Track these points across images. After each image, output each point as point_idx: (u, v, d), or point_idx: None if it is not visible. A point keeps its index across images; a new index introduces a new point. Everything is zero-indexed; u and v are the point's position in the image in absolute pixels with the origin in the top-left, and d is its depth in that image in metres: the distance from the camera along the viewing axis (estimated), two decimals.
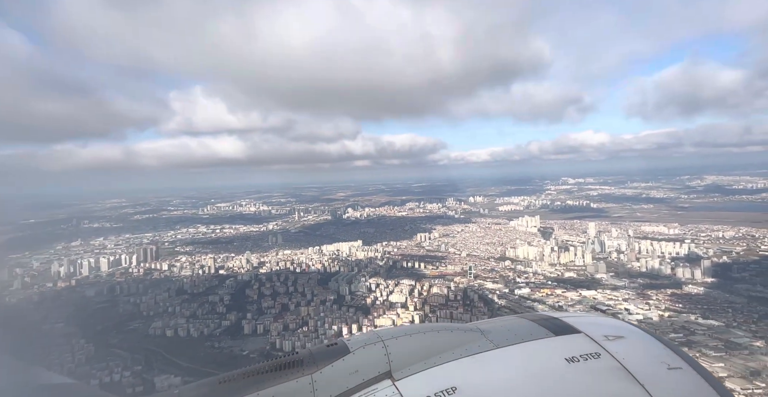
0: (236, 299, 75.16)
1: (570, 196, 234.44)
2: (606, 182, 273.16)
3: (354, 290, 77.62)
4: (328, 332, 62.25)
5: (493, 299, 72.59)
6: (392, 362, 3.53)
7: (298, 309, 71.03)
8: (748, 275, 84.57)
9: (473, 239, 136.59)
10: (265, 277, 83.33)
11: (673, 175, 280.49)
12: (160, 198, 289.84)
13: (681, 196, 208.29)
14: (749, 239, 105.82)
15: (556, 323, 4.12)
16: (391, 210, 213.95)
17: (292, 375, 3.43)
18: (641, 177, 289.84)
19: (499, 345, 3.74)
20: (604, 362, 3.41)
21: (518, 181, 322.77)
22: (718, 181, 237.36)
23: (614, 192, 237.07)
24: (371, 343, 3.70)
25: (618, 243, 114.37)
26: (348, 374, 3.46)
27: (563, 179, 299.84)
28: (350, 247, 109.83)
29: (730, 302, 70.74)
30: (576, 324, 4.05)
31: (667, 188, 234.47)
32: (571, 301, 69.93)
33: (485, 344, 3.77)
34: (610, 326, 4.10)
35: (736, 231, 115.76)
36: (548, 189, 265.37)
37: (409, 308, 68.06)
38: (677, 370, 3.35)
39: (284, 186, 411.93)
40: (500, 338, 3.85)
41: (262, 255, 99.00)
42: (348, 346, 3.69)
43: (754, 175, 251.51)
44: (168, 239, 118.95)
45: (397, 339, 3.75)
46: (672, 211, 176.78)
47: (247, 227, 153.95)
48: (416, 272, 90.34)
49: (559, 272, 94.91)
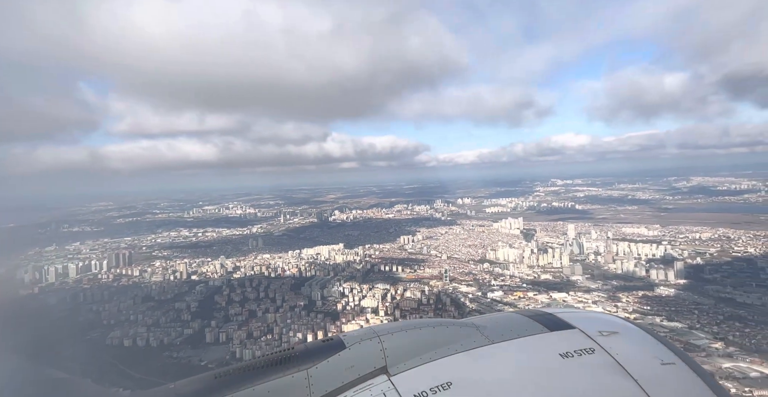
0: (204, 305, 73.91)
1: (557, 197, 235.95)
2: (594, 184, 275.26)
3: (326, 295, 76.94)
4: (292, 339, 61.13)
5: (465, 302, 72.66)
6: (388, 357, 3.56)
7: (265, 316, 69.80)
8: (720, 276, 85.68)
9: (456, 242, 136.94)
10: (238, 282, 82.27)
11: (661, 177, 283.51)
12: (148, 201, 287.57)
13: (666, 198, 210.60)
14: (724, 241, 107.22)
15: (551, 318, 4.15)
16: (378, 212, 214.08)
17: (288, 370, 3.44)
18: (629, 178, 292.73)
19: (495, 341, 3.77)
20: (598, 358, 3.44)
21: (508, 183, 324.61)
22: (704, 183, 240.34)
23: (601, 193, 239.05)
24: (367, 338, 3.71)
25: (596, 245, 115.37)
26: (344, 369, 3.48)
27: (552, 181, 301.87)
28: (331, 250, 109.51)
29: (698, 303, 71.56)
30: (570, 319, 4.07)
31: (653, 190, 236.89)
32: (540, 304, 70.28)
33: (480, 339, 3.80)
34: (604, 322, 4.12)
35: (714, 232, 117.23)
36: (537, 191, 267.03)
37: (379, 314, 67.56)
38: (670, 365, 3.37)
39: (275, 188, 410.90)
40: (495, 333, 3.89)
41: (238, 259, 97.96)
42: (344, 341, 3.70)
43: (739, 176, 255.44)
44: (147, 243, 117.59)
45: (393, 335, 3.76)
46: (655, 212, 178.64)
47: (230, 230, 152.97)
48: (393, 276, 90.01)
49: (536, 275, 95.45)
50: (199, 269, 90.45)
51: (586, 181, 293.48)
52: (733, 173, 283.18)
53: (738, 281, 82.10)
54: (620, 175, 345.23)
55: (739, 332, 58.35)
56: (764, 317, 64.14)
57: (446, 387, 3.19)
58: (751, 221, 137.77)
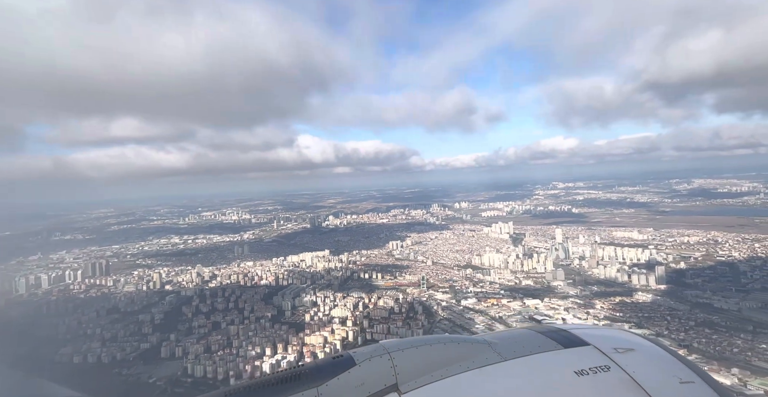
0: (169, 317, 72.65)
1: (556, 201, 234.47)
2: (595, 187, 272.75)
3: (297, 304, 76.26)
4: (249, 353, 59.53)
5: (437, 310, 72.22)
6: (399, 374, 3.49)
7: (228, 328, 67.96)
8: (701, 280, 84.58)
9: (444, 247, 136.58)
10: (210, 292, 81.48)
11: (663, 179, 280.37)
12: (149, 208, 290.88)
13: (664, 201, 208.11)
14: (711, 244, 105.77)
15: (565, 335, 4.11)
16: (374, 217, 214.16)
17: (298, 388, 3.37)
18: (630, 181, 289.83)
19: (507, 358, 3.73)
20: (614, 375, 3.37)
21: (509, 186, 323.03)
22: (705, 185, 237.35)
23: (600, 196, 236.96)
24: (377, 355, 3.65)
25: (582, 249, 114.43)
26: (354, 387, 3.41)
27: (554, 184, 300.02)
28: (315, 257, 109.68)
29: (673, 309, 70.69)
30: (584, 336, 4.04)
31: (653, 192, 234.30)
32: (512, 311, 69.82)
33: (493, 356, 3.75)
34: (619, 339, 4.06)
35: (704, 236, 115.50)
36: (536, 194, 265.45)
37: (347, 324, 66.86)
38: (690, 384, 3.29)
39: (278, 193, 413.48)
40: (508, 350, 3.83)
41: (218, 268, 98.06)
42: (354, 358, 3.64)
43: (741, 178, 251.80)
44: (133, 251, 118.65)
45: (404, 351, 3.71)
46: (651, 215, 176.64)
47: (221, 237, 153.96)
48: (371, 284, 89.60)
49: (517, 280, 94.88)
50: (175, 279, 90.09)
51: (588, 184, 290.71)
52: (736, 175, 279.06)
53: (718, 285, 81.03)
54: (622, 177, 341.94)
55: (706, 338, 57.58)
56: (736, 323, 63.30)
57: None
58: (745, 224, 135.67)
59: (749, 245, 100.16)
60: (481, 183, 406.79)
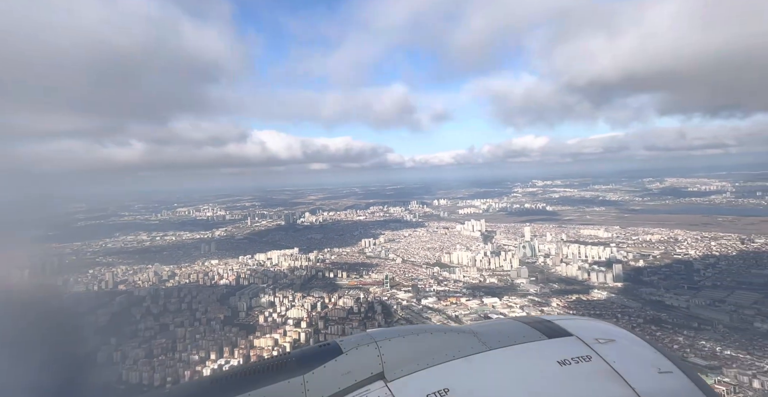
0: (115, 319, 69.68)
1: (533, 198, 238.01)
2: (572, 185, 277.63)
3: (254, 305, 74.73)
4: (192, 358, 57.58)
5: (396, 310, 72.24)
6: (385, 363, 3.53)
7: (175, 331, 65.39)
8: (657, 278, 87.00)
9: (417, 244, 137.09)
10: (165, 292, 79.13)
11: (637, 178, 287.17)
12: (123, 202, 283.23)
13: (635, 199, 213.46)
14: (671, 242, 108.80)
15: (549, 325, 4.18)
16: (351, 214, 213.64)
17: (284, 376, 3.39)
18: (606, 179, 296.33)
19: (492, 347, 3.77)
20: (595, 365, 3.46)
21: (489, 184, 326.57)
22: (677, 184, 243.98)
23: (575, 194, 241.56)
24: (364, 344, 3.68)
25: (549, 247, 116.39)
26: (340, 375, 3.44)
27: (532, 181, 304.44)
28: (282, 255, 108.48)
29: (625, 306, 72.47)
30: (568, 327, 4.10)
31: (626, 191, 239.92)
32: (469, 310, 70.42)
33: (478, 346, 3.79)
34: (601, 330, 4.14)
35: (666, 234, 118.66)
36: (515, 191, 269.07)
37: (301, 325, 65.75)
38: (668, 374, 3.38)
39: (259, 189, 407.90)
40: (493, 340, 3.87)
41: (179, 266, 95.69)
42: (341, 346, 3.66)
43: (712, 177, 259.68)
44: (95, 248, 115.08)
45: (391, 340, 3.74)
46: (620, 213, 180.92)
47: (191, 234, 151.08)
48: (335, 283, 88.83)
49: (482, 278, 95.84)
50: (131, 278, 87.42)
51: (565, 182, 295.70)
52: (707, 174, 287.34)
53: (672, 283, 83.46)
54: (597, 175, 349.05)
55: (650, 335, 59.02)
56: (683, 320, 65.24)
57: (443, 394, 3.19)
58: (708, 223, 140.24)
59: (706, 244, 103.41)
60: (463, 180, 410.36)
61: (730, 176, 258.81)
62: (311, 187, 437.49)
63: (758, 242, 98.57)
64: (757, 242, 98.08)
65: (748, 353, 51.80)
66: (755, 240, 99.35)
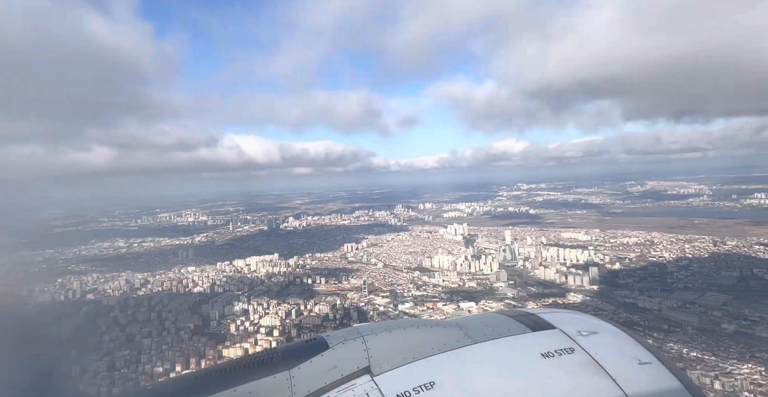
0: (79, 331, 66.94)
1: (517, 202, 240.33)
2: (556, 188, 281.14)
3: (227, 313, 72.96)
4: (155, 370, 55.31)
5: (372, 316, 71.77)
6: (371, 357, 3.54)
7: (141, 342, 63.19)
8: (632, 281, 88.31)
9: (399, 248, 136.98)
10: (135, 301, 76.85)
11: (620, 181, 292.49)
12: (104, 208, 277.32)
13: (616, 202, 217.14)
14: (647, 245, 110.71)
15: (533, 318, 4.21)
16: (336, 218, 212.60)
17: (270, 371, 3.38)
18: (589, 182, 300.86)
19: (477, 340, 3.79)
20: (577, 357, 3.51)
21: (475, 187, 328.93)
22: (657, 187, 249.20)
23: (558, 198, 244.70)
24: (351, 338, 3.69)
25: (529, 251, 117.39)
26: (327, 370, 3.45)
27: (518, 185, 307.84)
28: (262, 261, 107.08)
29: (599, 309, 73.29)
30: (551, 320, 4.14)
31: (608, 194, 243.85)
32: (444, 315, 70.39)
33: (464, 339, 3.81)
34: (584, 322, 4.20)
35: (644, 237, 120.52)
36: (500, 195, 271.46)
37: (273, 334, 64.31)
38: (647, 365, 3.46)
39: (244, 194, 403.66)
40: (478, 333, 3.91)
41: (154, 274, 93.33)
42: (327, 341, 3.68)
43: (691, 180, 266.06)
44: (68, 256, 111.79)
45: (377, 335, 3.75)
46: (601, 217, 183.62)
47: (170, 240, 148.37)
48: (312, 289, 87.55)
49: (461, 282, 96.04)
50: (101, 286, 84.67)
51: (549, 186, 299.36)
52: (686, 177, 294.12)
53: (646, 285, 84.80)
54: (581, 179, 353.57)
55: None
56: (653, 323, 66.25)
57: (429, 387, 3.21)
58: (684, 225, 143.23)
59: (680, 246, 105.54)
60: (450, 184, 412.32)
61: (708, 179, 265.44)
62: (297, 191, 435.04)
63: (730, 244, 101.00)
64: (729, 244, 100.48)
65: (713, 355, 52.74)
66: (727, 242, 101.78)
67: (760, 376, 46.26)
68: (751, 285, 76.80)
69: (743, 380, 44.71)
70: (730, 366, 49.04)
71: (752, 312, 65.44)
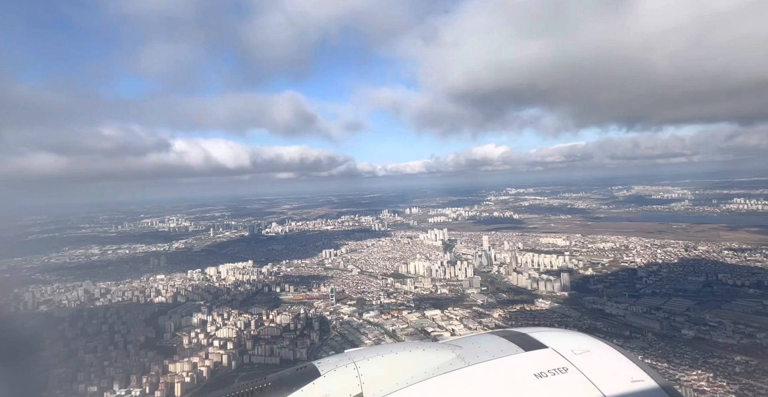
0: (20, 345, 60.66)
1: (503, 206, 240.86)
2: (543, 193, 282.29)
3: (183, 325, 70.69)
4: (89, 389, 52.01)
5: (335, 325, 70.43)
6: (364, 383, 3.49)
7: (83, 358, 59.71)
8: (602, 286, 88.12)
9: (378, 254, 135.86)
10: (90, 313, 73.96)
11: (607, 185, 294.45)
12: (88, 214, 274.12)
13: (601, 207, 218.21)
14: (622, 250, 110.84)
15: (525, 338, 4.21)
16: (320, 224, 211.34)
17: None
18: (577, 187, 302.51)
19: (471, 363, 3.76)
20: (571, 376, 3.53)
21: (464, 192, 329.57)
22: (642, 192, 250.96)
23: (543, 202, 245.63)
24: (342, 365, 3.64)
25: (505, 256, 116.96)
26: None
27: (506, 190, 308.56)
28: (234, 269, 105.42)
29: (565, 316, 72.85)
30: (544, 339, 4.14)
31: (594, 198, 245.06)
32: (407, 324, 69.36)
33: (457, 362, 3.78)
34: (576, 340, 4.18)
35: (621, 242, 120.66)
36: (488, 200, 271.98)
37: (228, 346, 62.01)
38: (640, 382, 3.49)
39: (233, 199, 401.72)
40: (471, 355, 3.88)
41: (117, 283, 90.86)
42: (318, 369, 3.60)
43: (676, 185, 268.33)
44: (37, 263, 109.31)
45: (369, 360, 3.72)
46: (584, 221, 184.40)
47: (147, 247, 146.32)
48: (279, 298, 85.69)
49: (433, 289, 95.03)
50: (58, 297, 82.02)
51: (537, 190, 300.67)
52: (672, 182, 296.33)
53: (616, 291, 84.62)
54: (570, 183, 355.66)
55: None
56: (617, 329, 65.86)
57: None
58: (663, 230, 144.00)
59: (653, 251, 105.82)
60: (439, 188, 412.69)
61: (693, 184, 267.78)
62: (287, 196, 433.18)
63: (701, 248, 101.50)
64: (700, 249, 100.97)
65: (666, 361, 52.39)
66: (698, 247, 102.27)
67: (706, 382, 45.92)
68: (715, 290, 77.01)
69: (688, 387, 44.27)
70: (681, 373, 48.66)
71: (713, 317, 65.55)
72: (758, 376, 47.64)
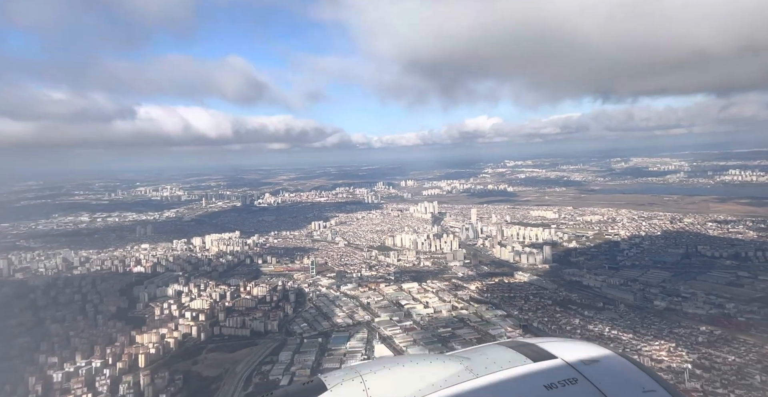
0: None
1: (500, 179, 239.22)
2: (542, 165, 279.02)
3: (158, 295, 70.49)
4: (50, 360, 50.97)
5: (311, 298, 70.83)
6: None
7: (49, 328, 58.90)
8: (583, 259, 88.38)
9: (367, 227, 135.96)
10: (65, 281, 73.63)
11: (606, 157, 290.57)
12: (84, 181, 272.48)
13: (597, 179, 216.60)
14: (608, 223, 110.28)
15: (533, 349, 4.17)
16: (314, 195, 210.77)
17: None
18: (576, 159, 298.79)
19: (479, 374, 3.74)
20: (581, 388, 3.48)
21: (461, 164, 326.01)
22: (640, 164, 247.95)
23: (540, 175, 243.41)
24: (349, 379, 3.63)
25: (491, 229, 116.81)
26: None
27: (504, 162, 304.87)
28: (220, 239, 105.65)
29: (542, 288, 73.15)
30: (552, 349, 4.10)
31: (591, 171, 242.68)
32: (382, 296, 69.78)
33: (465, 374, 3.76)
34: (585, 350, 4.14)
35: (610, 214, 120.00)
36: (484, 172, 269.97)
37: (199, 318, 61.81)
38: (651, 392, 3.47)
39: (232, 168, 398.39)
40: (480, 366, 3.85)
41: (99, 251, 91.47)
42: (325, 383, 3.59)
43: (675, 156, 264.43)
44: (21, 230, 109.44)
45: (376, 373, 3.70)
46: (578, 194, 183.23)
47: (137, 215, 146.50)
48: (259, 269, 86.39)
49: (416, 261, 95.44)
50: (35, 265, 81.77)
51: (535, 162, 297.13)
52: (671, 154, 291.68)
53: (596, 263, 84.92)
54: (569, 155, 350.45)
55: (549, 317, 59.93)
56: (590, 301, 66.30)
57: None
58: (653, 202, 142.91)
59: (637, 224, 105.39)
60: (438, 160, 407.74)
61: (691, 156, 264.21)
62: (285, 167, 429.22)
63: (686, 221, 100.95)
64: (685, 222, 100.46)
65: (633, 333, 52.96)
66: (684, 220, 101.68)
67: (666, 352, 46.43)
68: (693, 262, 77.20)
69: (647, 357, 44.76)
70: (644, 343, 49.25)
71: (687, 288, 65.96)
72: (719, 345, 48.23)
